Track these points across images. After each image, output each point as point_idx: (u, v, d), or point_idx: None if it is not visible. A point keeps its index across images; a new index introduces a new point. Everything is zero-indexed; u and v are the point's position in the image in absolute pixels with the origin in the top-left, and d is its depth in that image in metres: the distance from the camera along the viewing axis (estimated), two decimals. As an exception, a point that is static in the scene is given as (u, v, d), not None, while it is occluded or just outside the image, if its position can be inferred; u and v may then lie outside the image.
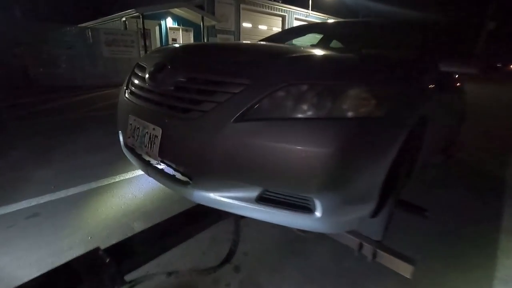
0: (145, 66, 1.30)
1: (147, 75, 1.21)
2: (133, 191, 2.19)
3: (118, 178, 2.39)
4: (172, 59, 1.20)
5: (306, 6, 17.93)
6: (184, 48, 1.41)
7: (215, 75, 1.02)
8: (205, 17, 12.17)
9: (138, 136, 1.19)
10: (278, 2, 16.65)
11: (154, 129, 1.11)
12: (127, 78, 1.49)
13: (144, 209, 1.96)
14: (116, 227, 1.76)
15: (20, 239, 1.60)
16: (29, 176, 2.35)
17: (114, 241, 1.65)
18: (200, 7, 12.52)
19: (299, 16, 17.57)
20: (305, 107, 0.91)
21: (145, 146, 1.15)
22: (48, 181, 2.26)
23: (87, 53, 8.83)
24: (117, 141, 1.57)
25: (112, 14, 11.34)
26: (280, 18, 17.10)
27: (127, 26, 10.60)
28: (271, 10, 16.30)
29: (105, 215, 1.88)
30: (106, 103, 5.86)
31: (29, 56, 7.90)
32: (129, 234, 1.72)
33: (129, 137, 1.27)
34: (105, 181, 2.31)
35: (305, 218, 0.95)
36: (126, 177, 2.40)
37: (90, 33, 8.83)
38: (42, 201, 1.99)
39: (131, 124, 1.26)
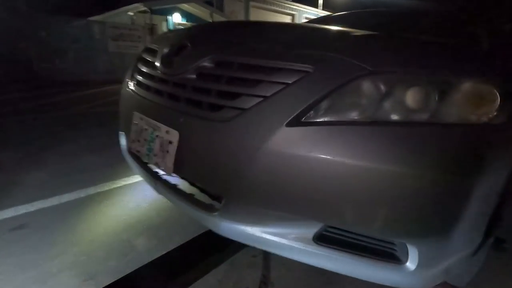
0: (156, 49, 1.00)
1: (159, 60, 0.91)
2: (136, 199, 1.92)
3: (120, 183, 2.12)
4: (195, 37, 0.89)
5: (316, 5, 17.63)
6: (212, 24, 1.09)
7: (258, 58, 0.71)
8: (213, 14, 11.97)
9: (145, 140, 0.89)
10: (288, 0, 16.39)
11: (167, 132, 0.81)
12: (132, 66, 1.20)
13: (149, 222, 1.69)
14: (116, 244, 1.50)
15: (0, 257, 1.35)
16: (19, 179, 2.09)
17: (112, 264, 1.42)
18: (209, 3, 12.35)
19: (308, 15, 17.29)
20: (395, 106, 0.61)
21: (155, 155, 0.85)
22: (40, 185, 2.00)
23: (92, 48, 8.70)
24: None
25: (120, 8, 11.18)
26: (290, 17, 16.85)
27: (134, 21, 10.42)
28: (280, 8, 16.05)
29: (103, 228, 1.62)
30: (111, 99, 5.65)
31: (34, 50, 7.78)
32: (130, 255, 1.48)
33: (133, 141, 0.97)
34: (105, 186, 2.05)
35: (389, 270, 0.64)
36: (129, 182, 2.13)
37: (96, 27, 8.68)
38: (31, 209, 1.73)
39: (136, 124, 0.95)
